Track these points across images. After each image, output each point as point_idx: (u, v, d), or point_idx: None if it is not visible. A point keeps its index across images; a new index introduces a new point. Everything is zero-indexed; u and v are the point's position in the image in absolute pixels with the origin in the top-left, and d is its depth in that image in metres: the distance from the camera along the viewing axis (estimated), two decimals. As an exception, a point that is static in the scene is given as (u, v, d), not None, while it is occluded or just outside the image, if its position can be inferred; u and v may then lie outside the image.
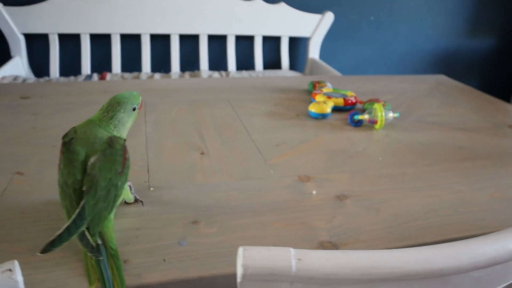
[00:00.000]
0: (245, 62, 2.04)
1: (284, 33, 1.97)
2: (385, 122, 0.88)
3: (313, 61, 1.99)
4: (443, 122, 0.95)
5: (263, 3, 1.91)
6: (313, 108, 0.91)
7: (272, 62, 2.08)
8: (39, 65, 1.91)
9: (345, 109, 0.96)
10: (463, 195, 0.65)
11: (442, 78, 1.33)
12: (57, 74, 1.86)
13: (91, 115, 0.90)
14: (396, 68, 2.30)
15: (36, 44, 1.88)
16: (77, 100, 0.99)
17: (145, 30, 1.87)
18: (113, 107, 0.54)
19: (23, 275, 0.36)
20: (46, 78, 1.80)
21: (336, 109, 0.96)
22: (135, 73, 1.81)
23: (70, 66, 1.92)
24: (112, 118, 0.54)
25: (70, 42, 1.89)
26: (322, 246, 0.51)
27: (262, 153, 0.75)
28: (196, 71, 1.86)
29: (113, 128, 0.53)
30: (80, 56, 1.88)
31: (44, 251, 0.44)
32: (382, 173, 0.70)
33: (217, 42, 2.00)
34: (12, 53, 1.83)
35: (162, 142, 0.78)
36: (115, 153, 0.51)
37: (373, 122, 0.87)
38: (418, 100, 1.09)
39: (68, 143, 0.51)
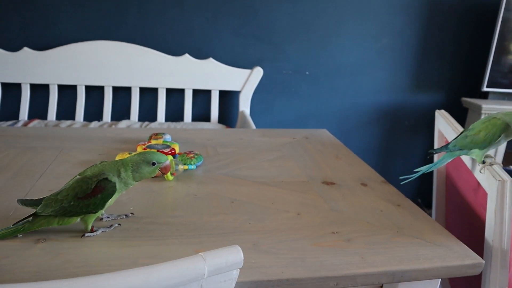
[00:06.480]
0: (176, 114, 2.12)
1: (213, 87, 2.05)
2: (176, 173, 0.90)
3: (243, 114, 2.04)
4: (251, 176, 0.96)
5: (192, 58, 2.01)
6: (117, 158, 0.95)
7: (203, 115, 2.14)
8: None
9: (159, 160, 0.99)
10: (135, 246, 0.65)
11: (319, 132, 1.35)
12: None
13: None
14: (338, 123, 2.31)
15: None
16: None
17: (81, 81, 1.99)
18: (139, 156, 0.66)
19: None
20: (-17, 123, 1.92)
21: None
22: (62, 121, 1.91)
23: (12, 111, 2.04)
24: (133, 162, 0.66)
25: (12, 90, 2.02)
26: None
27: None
28: (122, 121, 1.95)
29: (129, 171, 0.66)
30: (20, 103, 2.01)
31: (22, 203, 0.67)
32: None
33: (150, 94, 2.09)
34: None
35: None
36: (84, 182, 0.64)
37: (162, 173, 0.89)
38: (252, 154, 1.11)
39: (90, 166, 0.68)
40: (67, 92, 2.05)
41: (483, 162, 0.83)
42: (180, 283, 0.50)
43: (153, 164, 0.66)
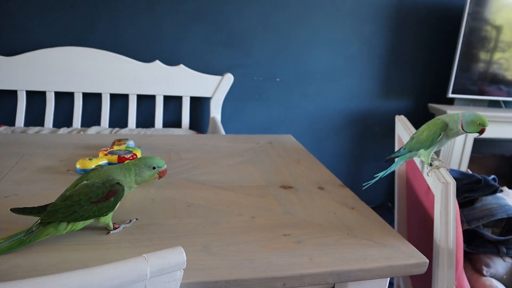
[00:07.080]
0: (147, 120, 2.12)
1: (184, 93, 2.06)
2: (134, 179, 0.91)
3: (214, 120, 2.06)
4: (210, 181, 0.97)
5: (162, 64, 2.02)
6: (78, 164, 0.96)
7: (175, 121, 2.15)
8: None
9: (120, 165, 1.00)
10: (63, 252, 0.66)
11: (284, 137, 1.37)
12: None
13: None
14: (308, 128, 2.35)
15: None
16: None
17: (50, 87, 1.98)
18: (141, 160, 0.72)
19: None
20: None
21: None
22: (30, 127, 1.90)
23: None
24: (135, 166, 0.71)
25: (-21, 97, 2.00)
26: None
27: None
28: (92, 127, 1.94)
29: (132, 175, 0.71)
30: (-13, 111, 1.99)
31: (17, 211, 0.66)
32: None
33: (120, 100, 2.09)
34: None
35: None
36: (97, 187, 0.66)
37: (119, 178, 0.90)
38: (214, 159, 1.12)
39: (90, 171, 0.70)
40: (36, 98, 2.03)
41: (431, 165, 0.87)
42: (123, 283, 0.51)
43: (154, 168, 0.72)
